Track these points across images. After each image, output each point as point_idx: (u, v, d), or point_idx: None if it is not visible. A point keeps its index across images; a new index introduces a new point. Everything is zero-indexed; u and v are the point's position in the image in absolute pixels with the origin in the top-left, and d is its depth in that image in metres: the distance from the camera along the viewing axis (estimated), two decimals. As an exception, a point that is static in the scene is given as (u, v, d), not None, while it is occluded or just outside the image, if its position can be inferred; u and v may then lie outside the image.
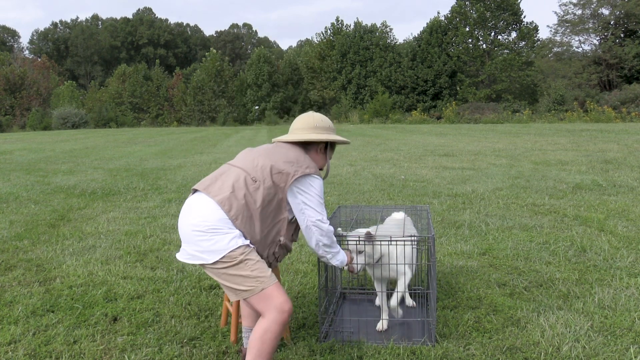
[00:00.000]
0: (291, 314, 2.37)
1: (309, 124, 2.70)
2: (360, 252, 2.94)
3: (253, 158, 2.57)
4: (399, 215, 3.46)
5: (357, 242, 2.91)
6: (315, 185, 2.56)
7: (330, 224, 2.63)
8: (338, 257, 2.70)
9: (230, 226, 2.38)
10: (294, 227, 2.63)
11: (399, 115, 42.64)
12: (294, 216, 2.59)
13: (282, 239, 2.53)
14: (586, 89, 41.91)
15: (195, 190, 2.56)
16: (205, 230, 2.37)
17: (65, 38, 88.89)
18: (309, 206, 2.53)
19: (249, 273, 2.34)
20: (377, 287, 3.18)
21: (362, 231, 3.02)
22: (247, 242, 2.40)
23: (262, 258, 2.46)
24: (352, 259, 2.88)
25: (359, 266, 2.94)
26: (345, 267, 2.85)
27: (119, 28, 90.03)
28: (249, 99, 55.03)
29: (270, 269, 2.43)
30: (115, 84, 59.83)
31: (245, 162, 2.57)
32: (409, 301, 3.47)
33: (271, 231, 2.49)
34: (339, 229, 3.03)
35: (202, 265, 2.42)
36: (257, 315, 2.79)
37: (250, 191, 2.44)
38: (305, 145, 2.70)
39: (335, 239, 2.66)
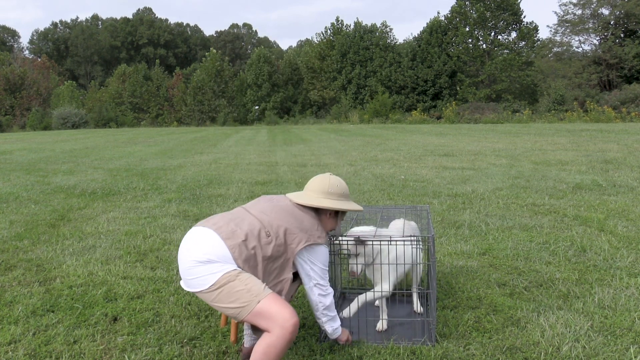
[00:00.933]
0: (297, 327, 2.32)
1: (322, 189, 2.76)
2: (358, 255, 2.97)
3: (270, 214, 2.59)
4: (401, 222, 3.44)
5: (349, 244, 2.96)
6: (322, 254, 2.68)
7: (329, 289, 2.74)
8: (333, 324, 2.78)
9: (232, 264, 2.41)
10: (295, 287, 2.85)
11: (399, 115, 42.63)
12: (296, 277, 2.75)
13: (283, 297, 2.53)
14: (586, 89, 41.90)
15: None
16: (203, 261, 2.38)
17: (65, 38, 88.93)
18: (315, 271, 2.66)
19: (243, 287, 2.33)
20: (377, 287, 3.19)
21: (360, 230, 3.03)
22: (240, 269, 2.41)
23: None
24: (348, 337, 2.90)
25: (359, 268, 2.98)
26: (351, 276, 2.94)
27: (119, 28, 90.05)
28: (249, 99, 55.05)
29: (264, 284, 2.42)
30: (115, 84, 59.85)
31: (262, 215, 2.58)
32: (417, 306, 3.45)
33: (274, 288, 2.51)
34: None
35: (200, 292, 2.40)
36: None
37: (261, 244, 2.47)
38: (317, 209, 2.77)
39: (334, 304, 2.76)
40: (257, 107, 54.00)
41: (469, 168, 10.58)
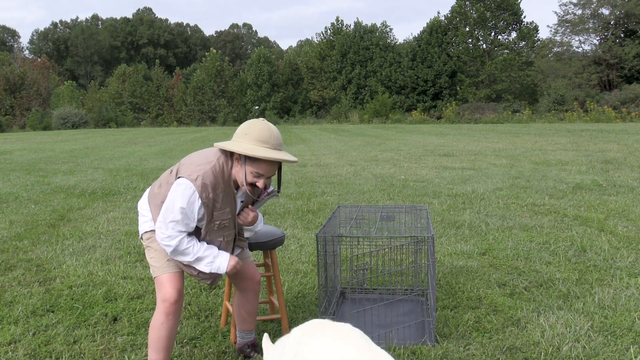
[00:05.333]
0: (175, 305, 2.41)
1: (237, 131, 2.44)
2: None
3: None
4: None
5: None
6: (175, 188, 2.34)
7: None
8: (200, 265, 2.41)
9: (149, 211, 2.56)
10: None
11: (399, 115, 42.65)
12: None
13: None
14: (586, 89, 41.92)
15: None
16: (140, 212, 2.66)
17: (65, 38, 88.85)
18: (164, 207, 2.36)
19: (148, 260, 2.55)
20: None
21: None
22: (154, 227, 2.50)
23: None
24: (236, 263, 2.46)
25: None
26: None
27: (119, 28, 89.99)
28: (249, 99, 55.03)
29: (166, 258, 2.45)
30: (115, 84, 59.80)
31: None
32: None
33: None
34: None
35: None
36: (249, 319, 2.80)
37: (163, 185, 2.50)
38: (231, 155, 2.46)
39: (188, 249, 2.36)
40: (257, 107, 53.97)
41: (469, 168, 10.58)
